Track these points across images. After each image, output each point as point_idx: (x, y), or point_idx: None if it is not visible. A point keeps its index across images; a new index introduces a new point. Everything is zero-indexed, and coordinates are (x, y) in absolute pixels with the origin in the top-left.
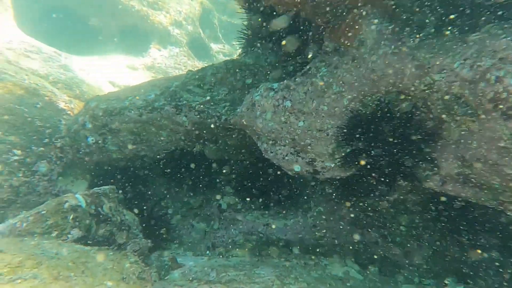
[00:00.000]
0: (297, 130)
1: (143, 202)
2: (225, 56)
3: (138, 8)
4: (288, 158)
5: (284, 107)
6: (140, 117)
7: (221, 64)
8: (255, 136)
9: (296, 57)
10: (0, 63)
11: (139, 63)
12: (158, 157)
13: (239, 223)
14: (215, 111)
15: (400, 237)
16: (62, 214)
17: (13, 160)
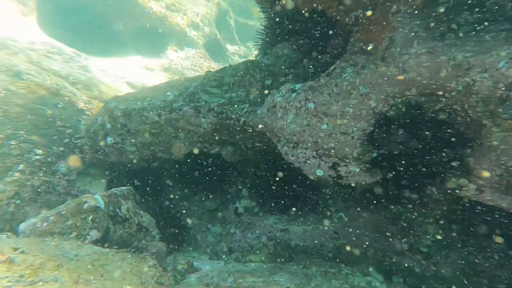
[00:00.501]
0: (320, 133)
1: (159, 203)
2: (240, 57)
3: (156, 10)
4: (310, 162)
5: (307, 109)
6: (158, 118)
7: (240, 64)
8: (275, 139)
9: (318, 57)
10: (24, 64)
11: (155, 64)
12: (175, 159)
13: (256, 227)
14: (234, 112)
15: (427, 247)
16: (81, 214)
17: (34, 159)
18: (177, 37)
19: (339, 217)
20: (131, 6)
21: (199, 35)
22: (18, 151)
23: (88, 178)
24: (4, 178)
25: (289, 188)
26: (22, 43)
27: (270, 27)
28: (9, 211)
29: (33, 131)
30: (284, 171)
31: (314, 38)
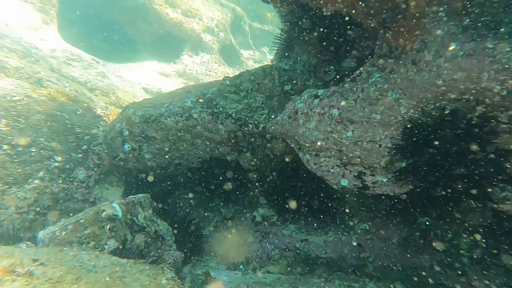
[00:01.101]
0: (344, 141)
1: (176, 210)
2: (255, 62)
3: (172, 16)
4: (334, 171)
5: (331, 115)
6: (176, 124)
7: (258, 69)
8: (297, 146)
9: (340, 62)
10: (45, 71)
11: (171, 70)
12: (192, 166)
13: (275, 237)
14: (253, 118)
15: (459, 263)
16: (100, 223)
17: (54, 166)
18: (192, 43)
19: (363, 229)
20: (148, 13)
21: (214, 40)
22: (38, 158)
23: (106, 185)
24: (24, 185)
25: (309, 196)
26: (43, 51)
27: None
28: (29, 218)
29: (52, 137)
30: (305, 179)
31: (337, 41)
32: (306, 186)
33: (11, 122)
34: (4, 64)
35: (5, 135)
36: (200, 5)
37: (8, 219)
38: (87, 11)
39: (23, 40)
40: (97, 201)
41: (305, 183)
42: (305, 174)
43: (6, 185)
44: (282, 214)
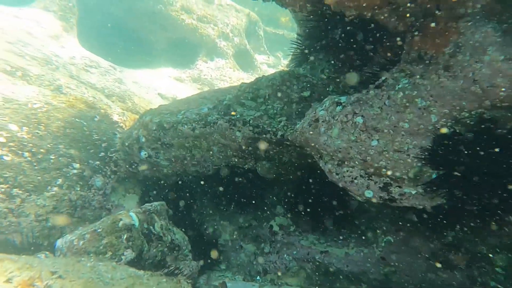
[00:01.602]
0: (369, 150)
1: (191, 218)
2: (269, 67)
3: (188, 21)
4: (358, 182)
5: (354, 123)
6: (193, 131)
7: (276, 75)
8: (317, 155)
9: (361, 67)
10: (64, 78)
11: (186, 75)
12: (209, 173)
13: (293, 247)
14: (271, 126)
15: (495, 280)
16: (117, 233)
17: (72, 173)
18: (207, 48)
19: (387, 241)
20: (164, 19)
21: (228, 45)
22: (57, 165)
23: (122, 192)
24: (44, 192)
25: (329, 206)
26: (63, 58)
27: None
28: (47, 226)
29: (71, 144)
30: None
31: (359, 46)
32: (326, 195)
33: (32, 129)
34: (27, 72)
35: (26, 142)
36: (216, 11)
37: (27, 226)
38: (105, 18)
39: (45, 48)
40: (114, 208)
41: (325, 192)
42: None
43: (26, 192)
44: (300, 224)
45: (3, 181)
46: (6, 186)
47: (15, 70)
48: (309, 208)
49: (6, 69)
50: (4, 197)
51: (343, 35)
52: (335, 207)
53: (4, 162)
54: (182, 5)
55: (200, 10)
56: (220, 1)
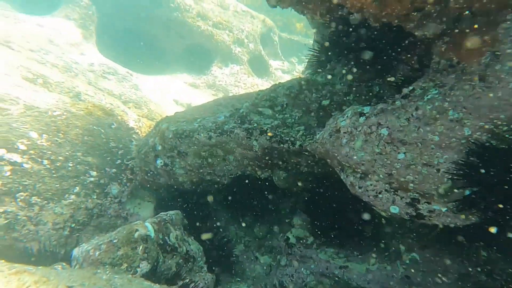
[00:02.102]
0: (395, 163)
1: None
2: (284, 73)
3: (203, 28)
4: (383, 197)
5: (379, 135)
6: (209, 140)
7: (294, 83)
8: (338, 167)
9: (383, 76)
10: (83, 85)
11: (200, 82)
12: (224, 182)
13: (310, 261)
14: (289, 135)
15: None
16: (132, 244)
17: (89, 181)
18: (222, 54)
19: (412, 259)
20: (180, 26)
21: (243, 51)
22: (75, 173)
23: (137, 200)
24: (61, 200)
25: (349, 218)
26: (82, 65)
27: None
28: (64, 234)
29: (89, 152)
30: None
31: (382, 53)
32: (346, 207)
33: (51, 137)
34: (47, 79)
35: (45, 150)
36: (231, 17)
37: (45, 235)
38: (123, 26)
39: (65, 55)
40: (129, 216)
41: (345, 204)
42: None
43: (45, 200)
44: (318, 236)
45: (23, 188)
46: (26, 194)
47: (36, 77)
48: (327, 220)
49: (28, 77)
50: (23, 205)
51: (367, 43)
52: (355, 220)
53: (24, 169)
54: (198, 12)
55: (216, 16)
56: (235, 8)
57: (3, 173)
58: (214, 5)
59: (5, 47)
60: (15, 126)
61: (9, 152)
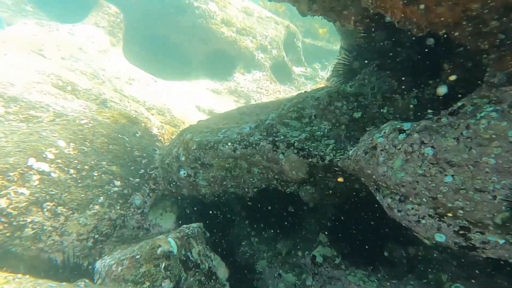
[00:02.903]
0: (441, 187)
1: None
2: (306, 79)
3: (227, 34)
4: (426, 222)
5: (422, 155)
6: (233, 152)
7: (323, 93)
8: (373, 186)
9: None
10: (109, 92)
11: (223, 88)
12: (247, 195)
13: (339, 283)
14: (318, 149)
15: None
16: (155, 261)
17: (113, 191)
18: (245, 61)
19: None
20: (204, 32)
21: (266, 57)
22: (100, 183)
23: (160, 210)
24: (86, 211)
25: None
26: (109, 72)
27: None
28: (88, 246)
29: (113, 161)
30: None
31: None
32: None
33: (78, 145)
34: (76, 87)
35: (72, 159)
36: (255, 23)
37: (69, 246)
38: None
39: (93, 63)
40: (151, 228)
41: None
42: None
43: (70, 210)
44: (347, 256)
45: (50, 198)
46: (52, 204)
47: (66, 85)
48: (357, 240)
49: (59, 84)
50: (49, 215)
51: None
52: (389, 241)
53: (51, 179)
54: (222, 18)
55: (240, 22)
56: (260, 14)
57: (32, 182)
58: (238, 11)
59: (39, 56)
60: (44, 135)
61: (38, 161)
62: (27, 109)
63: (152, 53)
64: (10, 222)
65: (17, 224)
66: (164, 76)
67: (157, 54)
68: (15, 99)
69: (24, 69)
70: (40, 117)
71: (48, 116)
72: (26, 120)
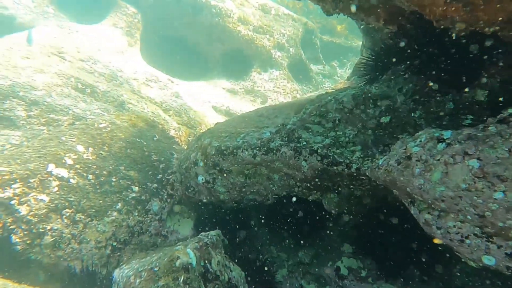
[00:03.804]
0: (490, 204)
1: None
2: (324, 77)
3: (244, 33)
4: (471, 243)
5: (467, 167)
6: (253, 158)
7: (347, 96)
8: (407, 199)
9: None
10: (127, 93)
11: (239, 87)
12: (267, 202)
13: None
14: (343, 157)
15: None
16: (174, 274)
17: (131, 197)
18: (262, 59)
19: None
20: (221, 31)
21: (283, 56)
22: (118, 188)
23: (177, 216)
24: (104, 218)
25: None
26: (126, 73)
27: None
28: (106, 254)
29: (131, 166)
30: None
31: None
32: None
33: (96, 150)
34: (94, 89)
35: (91, 164)
36: (272, 21)
37: (88, 253)
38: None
39: (111, 64)
40: (169, 234)
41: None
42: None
43: (88, 217)
44: (374, 269)
45: (68, 205)
46: (71, 210)
47: (85, 87)
48: (386, 251)
49: (78, 87)
50: (68, 222)
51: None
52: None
53: (70, 185)
54: (239, 17)
55: (257, 21)
56: (277, 11)
57: (52, 188)
58: (256, 9)
59: (59, 58)
60: (64, 140)
61: (57, 167)
62: (47, 112)
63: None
64: (30, 229)
65: (36, 232)
66: (181, 76)
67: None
68: (36, 103)
69: (46, 72)
70: (60, 120)
71: (67, 119)
72: (47, 124)
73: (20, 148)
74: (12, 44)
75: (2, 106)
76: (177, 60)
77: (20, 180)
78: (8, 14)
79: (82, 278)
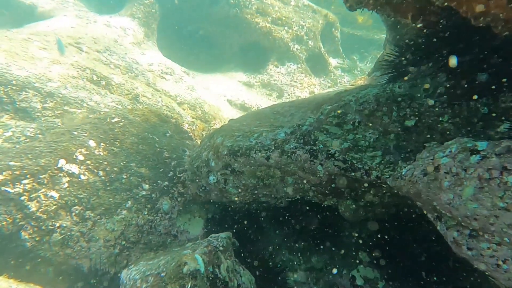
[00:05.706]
0: None
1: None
2: (343, 71)
3: (262, 25)
4: (508, 268)
5: (504, 184)
6: (267, 160)
7: (369, 96)
8: (433, 214)
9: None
10: (142, 86)
11: (255, 81)
12: (280, 205)
13: None
14: (362, 162)
15: None
16: (181, 281)
17: (141, 195)
18: (279, 52)
19: None
20: (238, 23)
21: (302, 49)
22: (128, 186)
23: (187, 215)
24: (113, 216)
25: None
26: (142, 65)
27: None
28: (115, 253)
29: (142, 162)
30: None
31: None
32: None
33: (108, 145)
34: (109, 81)
35: (102, 160)
36: (292, 13)
37: (96, 252)
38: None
39: (127, 56)
40: (179, 234)
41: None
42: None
43: (98, 215)
44: (392, 279)
45: (78, 202)
46: (81, 208)
47: (100, 79)
48: (405, 262)
49: (93, 79)
50: (77, 220)
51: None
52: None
53: (80, 181)
54: (257, 8)
55: (276, 12)
56: (297, 2)
57: (62, 185)
58: None
59: (76, 49)
60: (76, 134)
61: (68, 163)
62: (62, 104)
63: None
64: (39, 226)
65: (46, 229)
66: (197, 68)
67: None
68: (51, 94)
69: (62, 63)
70: (74, 112)
71: (82, 112)
72: (61, 116)
73: (33, 142)
74: (31, 34)
75: (18, 97)
76: (193, 51)
77: (30, 176)
78: (30, 3)
79: (90, 275)
